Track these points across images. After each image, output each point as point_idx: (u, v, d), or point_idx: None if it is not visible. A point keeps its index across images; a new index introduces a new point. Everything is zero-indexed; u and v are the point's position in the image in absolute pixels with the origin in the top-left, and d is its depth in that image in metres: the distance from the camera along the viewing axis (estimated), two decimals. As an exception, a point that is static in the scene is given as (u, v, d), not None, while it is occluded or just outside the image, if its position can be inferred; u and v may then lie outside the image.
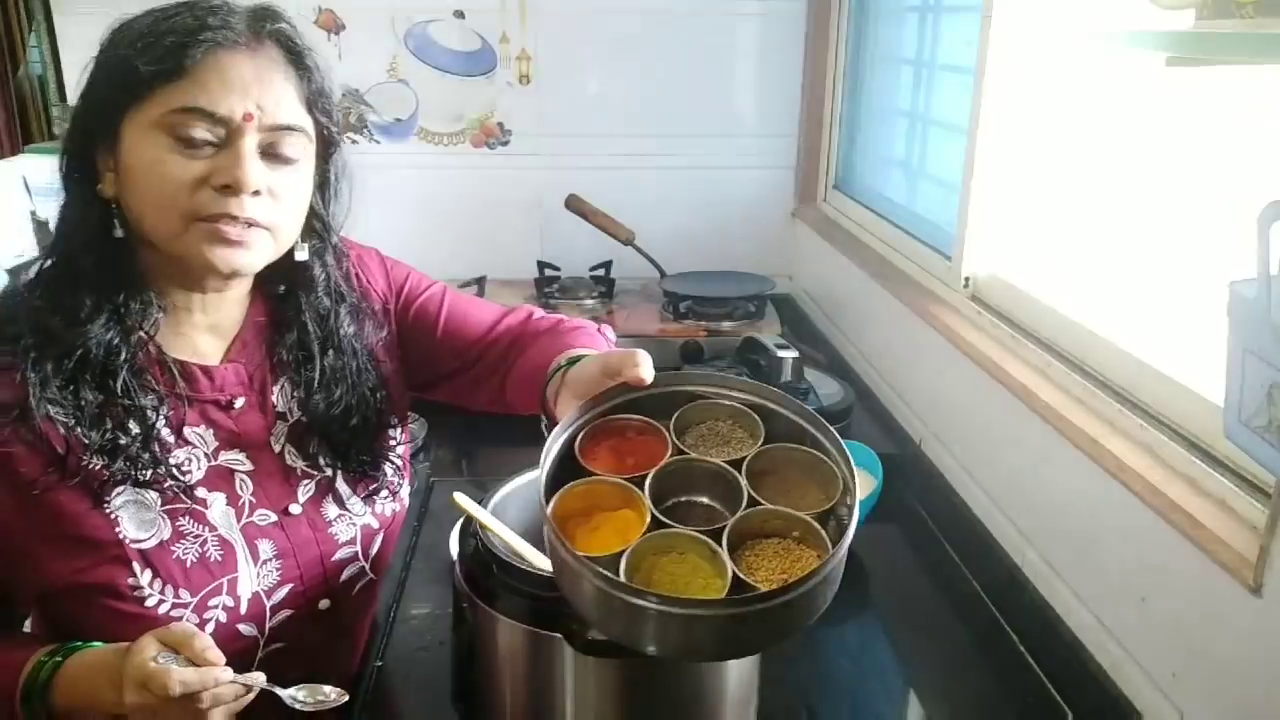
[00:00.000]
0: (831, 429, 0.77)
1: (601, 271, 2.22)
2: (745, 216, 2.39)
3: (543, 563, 0.91)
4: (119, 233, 0.82)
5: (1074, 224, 1.36)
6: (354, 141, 2.24)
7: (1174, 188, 1.12)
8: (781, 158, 2.36)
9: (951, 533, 1.40)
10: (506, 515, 0.95)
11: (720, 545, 0.69)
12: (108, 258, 0.82)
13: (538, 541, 0.92)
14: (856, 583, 1.35)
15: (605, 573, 0.66)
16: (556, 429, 0.78)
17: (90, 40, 2.41)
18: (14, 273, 1.91)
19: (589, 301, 2.14)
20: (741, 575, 0.68)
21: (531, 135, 2.30)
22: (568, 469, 0.77)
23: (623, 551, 0.69)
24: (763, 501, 0.73)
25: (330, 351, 0.94)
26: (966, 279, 1.51)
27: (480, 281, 2.18)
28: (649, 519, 0.71)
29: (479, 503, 0.93)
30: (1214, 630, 0.89)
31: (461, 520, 0.94)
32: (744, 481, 0.74)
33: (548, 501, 0.72)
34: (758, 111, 2.32)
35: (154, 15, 0.82)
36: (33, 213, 2.02)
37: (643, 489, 0.73)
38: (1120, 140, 1.23)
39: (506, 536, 0.90)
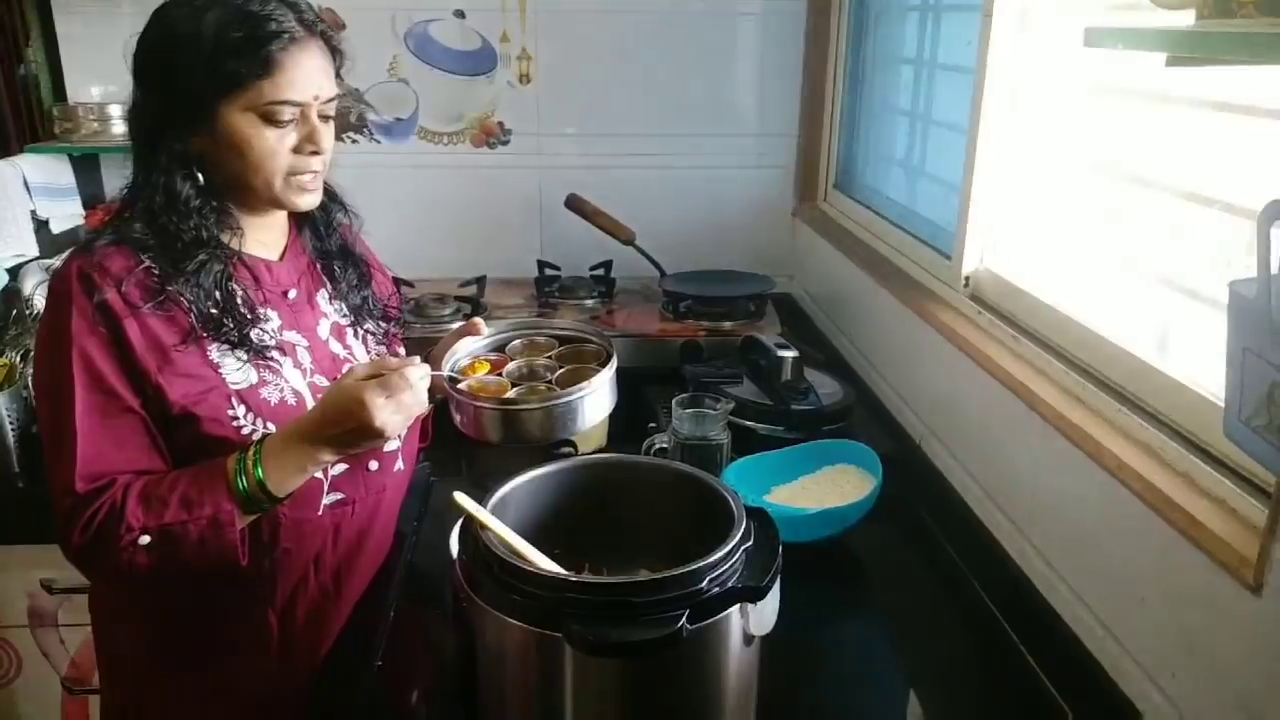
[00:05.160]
0: (604, 336, 1.28)
1: (602, 271, 2.21)
2: (745, 216, 2.39)
3: (544, 562, 0.91)
4: (201, 180, 1.09)
5: (1074, 223, 1.36)
6: (354, 141, 2.24)
7: (1174, 185, 1.12)
8: (782, 157, 2.36)
9: (951, 532, 1.40)
10: (506, 515, 0.95)
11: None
12: (204, 197, 1.10)
13: (538, 541, 0.92)
14: (856, 582, 1.35)
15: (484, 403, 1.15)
16: (445, 366, 1.20)
17: (92, 38, 2.42)
18: (14, 272, 1.93)
19: (589, 301, 2.14)
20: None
21: (532, 135, 2.30)
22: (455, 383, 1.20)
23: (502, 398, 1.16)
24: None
25: (334, 237, 1.26)
26: (966, 278, 1.51)
27: (480, 281, 2.18)
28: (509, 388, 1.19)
29: (479, 502, 0.93)
30: (1214, 630, 0.89)
31: (461, 520, 0.94)
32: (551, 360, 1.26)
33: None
34: (758, 111, 2.32)
35: (227, 21, 1.04)
36: (33, 212, 2.02)
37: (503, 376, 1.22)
38: (1121, 138, 1.23)
39: (507, 536, 0.90)
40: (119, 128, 2.09)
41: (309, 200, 1.14)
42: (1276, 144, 0.93)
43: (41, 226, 2.05)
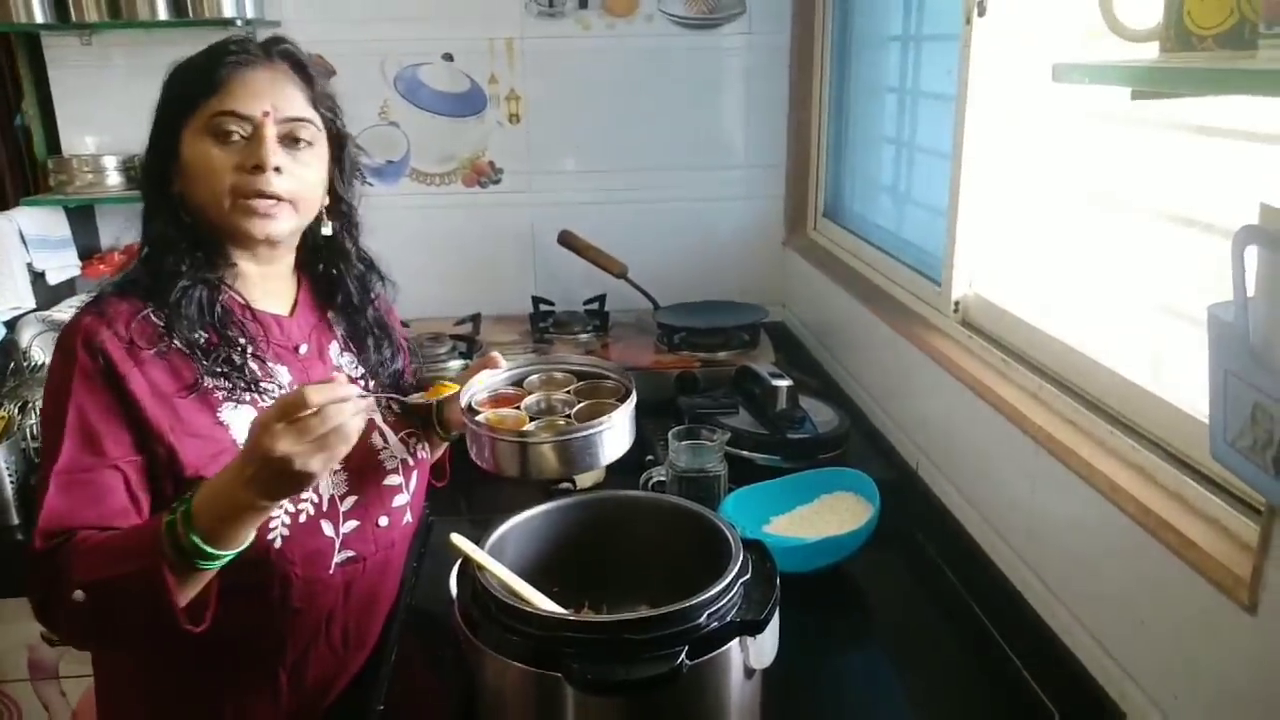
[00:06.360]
0: (624, 372, 1.24)
1: (595, 305, 2.23)
2: (737, 247, 2.41)
3: (542, 601, 0.91)
4: (186, 219, 1.09)
5: (1061, 246, 1.37)
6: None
7: (1157, 209, 1.13)
8: (771, 188, 2.38)
9: (949, 557, 1.40)
10: (504, 554, 0.96)
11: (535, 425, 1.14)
12: (184, 234, 1.09)
13: (537, 579, 0.93)
14: (856, 610, 1.35)
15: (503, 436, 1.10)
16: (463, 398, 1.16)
17: (86, 91, 2.45)
18: (11, 324, 1.93)
19: (584, 335, 2.15)
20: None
21: (522, 173, 2.32)
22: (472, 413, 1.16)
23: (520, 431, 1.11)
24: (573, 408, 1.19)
25: (370, 309, 1.26)
26: (956, 303, 1.52)
27: (475, 319, 2.19)
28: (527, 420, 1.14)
29: (476, 543, 0.93)
30: (1212, 650, 0.89)
31: (459, 561, 0.94)
32: (569, 396, 1.21)
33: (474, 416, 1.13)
34: (746, 143, 2.35)
35: (199, 54, 1.09)
36: (29, 264, 2.03)
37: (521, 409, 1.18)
38: (1103, 163, 1.25)
39: (504, 577, 0.90)
40: (114, 179, 2.11)
41: (263, 227, 1.08)
42: (1255, 166, 0.95)
43: (38, 278, 2.06)
